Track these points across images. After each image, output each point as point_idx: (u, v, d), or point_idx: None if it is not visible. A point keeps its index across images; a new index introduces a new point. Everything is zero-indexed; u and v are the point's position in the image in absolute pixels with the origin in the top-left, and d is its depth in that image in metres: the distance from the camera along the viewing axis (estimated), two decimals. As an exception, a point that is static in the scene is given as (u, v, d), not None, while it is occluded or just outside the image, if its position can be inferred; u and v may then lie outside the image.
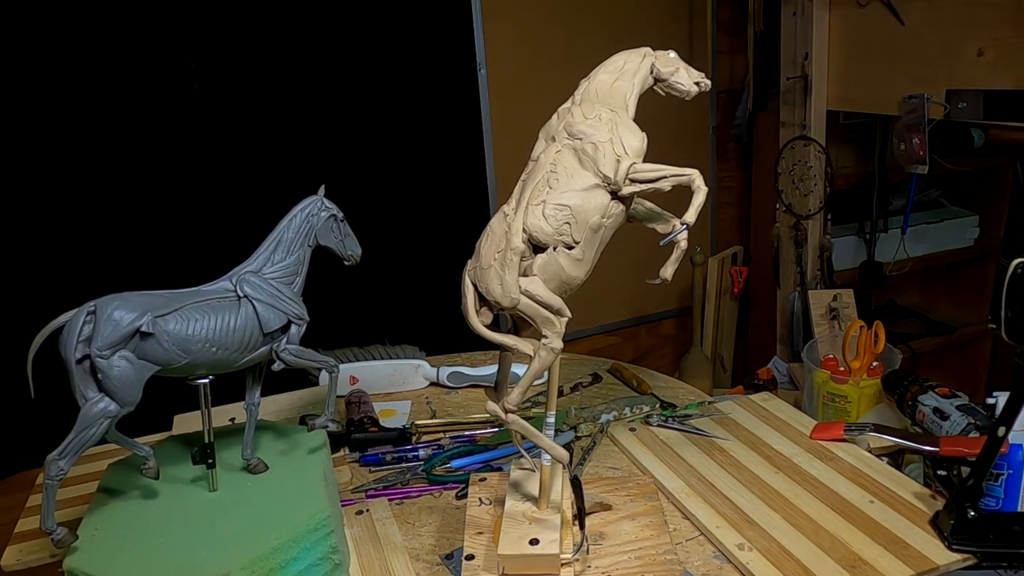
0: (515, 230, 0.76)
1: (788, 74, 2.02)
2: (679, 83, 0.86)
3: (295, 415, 1.21)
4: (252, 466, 0.85)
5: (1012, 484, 0.93)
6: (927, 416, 1.13)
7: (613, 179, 0.76)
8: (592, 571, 0.79)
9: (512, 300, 0.76)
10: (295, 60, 1.85)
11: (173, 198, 1.80)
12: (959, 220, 2.32)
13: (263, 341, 0.80)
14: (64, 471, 0.71)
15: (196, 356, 0.75)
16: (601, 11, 2.19)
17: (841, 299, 2.02)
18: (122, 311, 0.71)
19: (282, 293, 0.81)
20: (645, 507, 0.90)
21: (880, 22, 1.76)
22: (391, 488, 1.02)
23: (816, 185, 2.03)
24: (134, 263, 1.76)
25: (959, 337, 2.35)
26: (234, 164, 1.84)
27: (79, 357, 0.70)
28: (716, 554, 0.86)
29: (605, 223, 0.79)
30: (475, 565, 0.79)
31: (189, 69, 1.77)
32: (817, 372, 1.61)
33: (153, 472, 0.78)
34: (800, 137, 2.03)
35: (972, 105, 1.55)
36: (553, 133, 0.82)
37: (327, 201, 0.87)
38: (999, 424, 0.82)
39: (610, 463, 1.06)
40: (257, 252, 0.83)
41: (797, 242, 2.12)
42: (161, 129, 1.77)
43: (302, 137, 1.89)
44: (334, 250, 0.88)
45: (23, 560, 0.91)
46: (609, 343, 2.46)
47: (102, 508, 0.80)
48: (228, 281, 0.80)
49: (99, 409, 0.71)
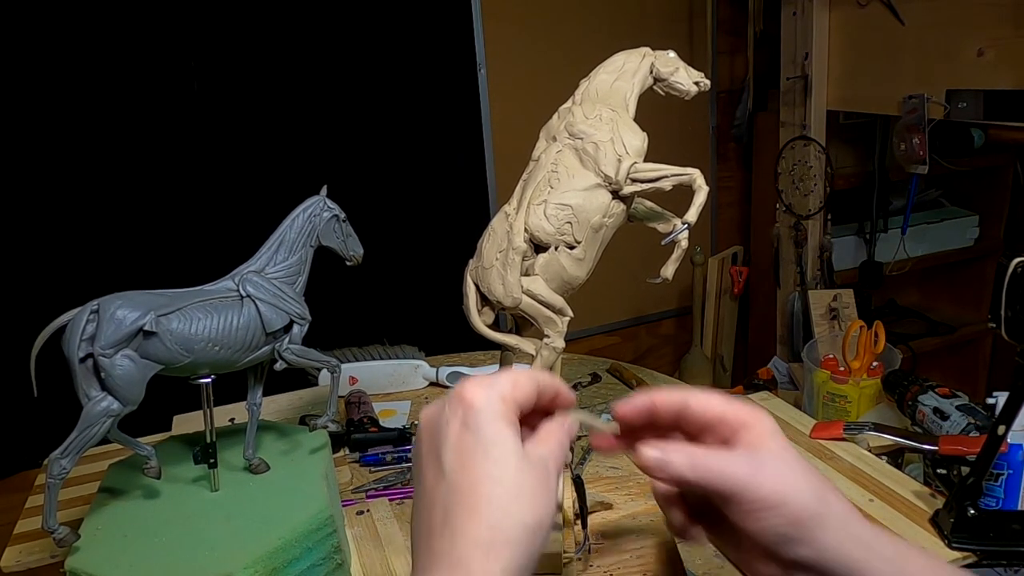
0: (517, 230, 0.76)
1: (788, 74, 2.03)
2: (679, 83, 0.86)
3: (295, 415, 1.21)
4: (254, 466, 0.85)
5: (1012, 484, 0.94)
6: (927, 416, 1.13)
7: (614, 179, 0.77)
8: (594, 570, 0.79)
9: (514, 300, 0.76)
10: (295, 60, 1.86)
11: (175, 198, 1.80)
12: (959, 220, 2.33)
13: (265, 341, 0.80)
14: (66, 470, 0.71)
15: (199, 355, 0.75)
16: (601, 11, 2.20)
17: (841, 299, 2.02)
18: (125, 310, 0.71)
19: (284, 293, 0.81)
20: (646, 506, 0.90)
21: (880, 22, 1.76)
22: (391, 488, 1.02)
23: (816, 185, 2.03)
24: (137, 262, 1.76)
25: (959, 337, 2.35)
26: (235, 164, 1.84)
27: (82, 356, 0.70)
28: (717, 553, 0.86)
29: (606, 223, 0.79)
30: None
31: (189, 69, 1.77)
32: (817, 372, 1.61)
33: (155, 472, 0.78)
34: (800, 137, 2.03)
35: (972, 105, 1.55)
36: (554, 133, 0.83)
37: (329, 201, 0.87)
38: (999, 423, 0.82)
39: (610, 463, 1.06)
40: (260, 252, 0.83)
41: (797, 242, 2.12)
42: (162, 129, 1.77)
43: (303, 137, 1.89)
44: (336, 250, 0.88)
45: (23, 561, 0.91)
46: (609, 343, 2.46)
47: (104, 508, 0.80)
48: (231, 281, 0.80)
49: (102, 408, 0.71)
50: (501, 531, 0.44)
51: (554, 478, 0.48)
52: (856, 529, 0.50)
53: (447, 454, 0.46)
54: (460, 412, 0.47)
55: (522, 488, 0.45)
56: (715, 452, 0.51)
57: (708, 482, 0.50)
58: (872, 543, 0.50)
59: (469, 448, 0.46)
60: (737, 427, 0.52)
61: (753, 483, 0.49)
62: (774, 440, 0.51)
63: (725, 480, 0.49)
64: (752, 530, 0.50)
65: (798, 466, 0.51)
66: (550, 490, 0.47)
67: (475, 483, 0.45)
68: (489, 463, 0.45)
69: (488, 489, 0.45)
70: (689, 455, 0.50)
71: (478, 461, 0.45)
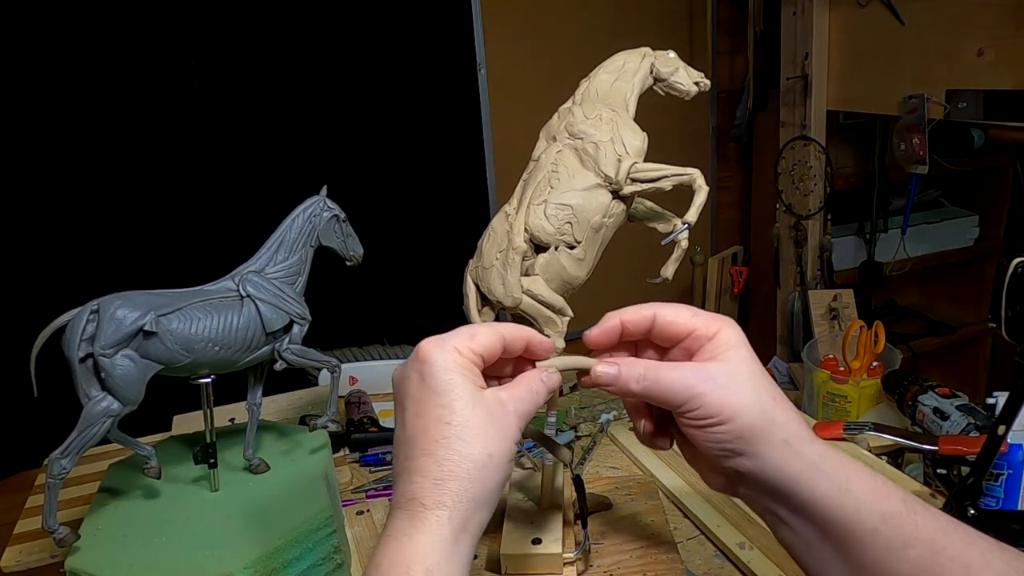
0: (517, 230, 0.76)
1: (788, 74, 2.03)
2: (679, 83, 0.86)
3: (295, 415, 1.21)
4: (254, 466, 0.85)
5: (1012, 484, 0.94)
6: (927, 416, 1.13)
7: (614, 179, 0.76)
8: (594, 570, 0.79)
9: (514, 300, 0.76)
10: (295, 60, 1.86)
11: (175, 198, 1.80)
12: (959, 220, 2.33)
13: (265, 340, 0.80)
14: (66, 470, 0.71)
15: (199, 355, 0.75)
16: (601, 11, 2.20)
17: (841, 299, 2.02)
18: (125, 310, 0.71)
19: (284, 293, 0.81)
20: (646, 506, 0.90)
21: (880, 22, 1.76)
22: (391, 488, 1.02)
23: (816, 185, 2.03)
24: (137, 262, 1.76)
25: (959, 337, 2.35)
26: (235, 164, 1.84)
27: (82, 356, 0.70)
28: (717, 553, 0.86)
29: (606, 222, 0.79)
30: (478, 564, 0.79)
31: (189, 69, 1.77)
32: (817, 372, 1.61)
33: (155, 472, 0.78)
34: (800, 137, 2.03)
35: (972, 105, 1.55)
36: (554, 133, 0.83)
37: (329, 201, 0.87)
38: (999, 423, 0.82)
39: (610, 463, 1.06)
40: (260, 252, 0.83)
41: (797, 242, 2.12)
42: (162, 129, 1.77)
43: (303, 137, 1.89)
44: (336, 250, 0.88)
45: (22, 561, 0.91)
46: (609, 343, 2.46)
47: (104, 508, 0.80)
48: (231, 281, 0.80)
49: (102, 408, 0.71)
50: (449, 466, 0.49)
51: (511, 417, 0.52)
52: (803, 447, 0.51)
53: (409, 407, 0.52)
54: (418, 367, 0.52)
55: (468, 427, 0.50)
56: (667, 366, 0.54)
57: (653, 395, 0.53)
58: (819, 463, 0.51)
59: (425, 398, 0.51)
60: (703, 340, 0.54)
61: (696, 398, 0.51)
62: (734, 352, 0.53)
63: (668, 394, 0.52)
64: (697, 441, 0.53)
65: (749, 382, 0.52)
66: (502, 427, 0.51)
67: (427, 427, 0.50)
68: (440, 409, 0.50)
69: (437, 431, 0.49)
70: (641, 369, 0.54)
71: (430, 408, 0.50)
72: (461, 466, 0.49)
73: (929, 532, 0.49)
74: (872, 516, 0.50)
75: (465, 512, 0.49)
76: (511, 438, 0.52)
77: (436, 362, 0.51)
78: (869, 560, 0.50)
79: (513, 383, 0.56)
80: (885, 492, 0.51)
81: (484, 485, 0.50)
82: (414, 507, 0.49)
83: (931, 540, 0.49)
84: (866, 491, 0.50)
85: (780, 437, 0.51)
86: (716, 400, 0.51)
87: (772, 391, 0.53)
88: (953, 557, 0.48)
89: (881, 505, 0.50)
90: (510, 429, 0.52)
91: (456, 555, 0.48)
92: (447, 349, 0.52)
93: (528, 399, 0.54)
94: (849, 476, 0.51)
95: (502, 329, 0.55)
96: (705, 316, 0.55)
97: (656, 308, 0.56)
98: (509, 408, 0.52)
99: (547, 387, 0.57)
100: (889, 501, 0.50)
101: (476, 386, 0.52)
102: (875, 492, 0.51)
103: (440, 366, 0.51)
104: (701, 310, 0.55)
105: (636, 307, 0.56)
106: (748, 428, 0.51)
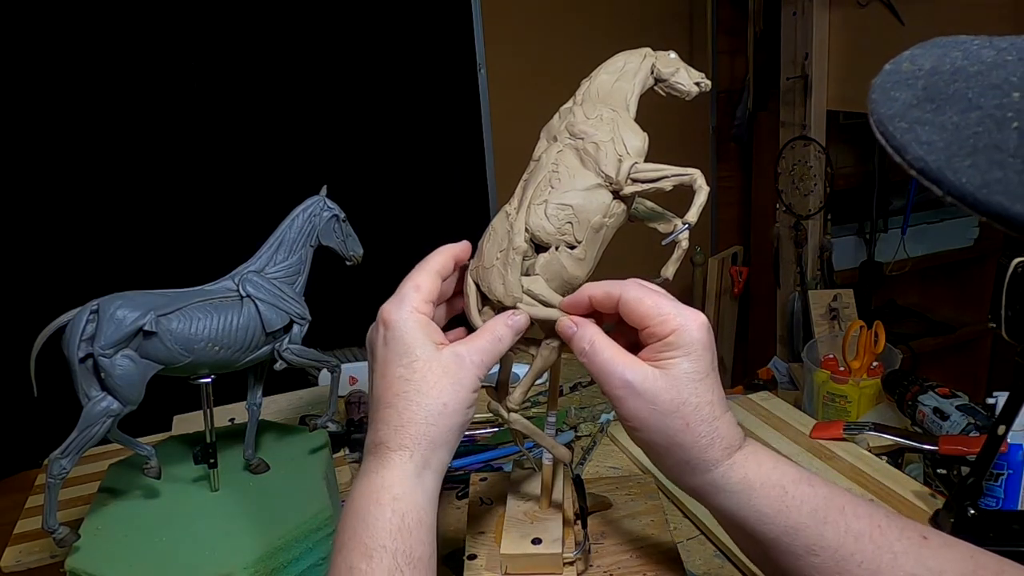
0: (517, 229, 0.76)
1: (788, 74, 2.03)
2: (679, 83, 0.86)
3: (295, 415, 1.21)
4: (254, 466, 0.85)
5: (1012, 484, 0.93)
6: (927, 416, 1.13)
7: (615, 179, 0.76)
8: (594, 570, 0.79)
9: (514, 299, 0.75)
10: (295, 60, 1.86)
11: (174, 198, 1.80)
12: (959, 220, 2.32)
13: (265, 340, 0.80)
14: (66, 470, 0.71)
15: (199, 355, 0.75)
16: (601, 11, 2.20)
17: (841, 299, 2.02)
18: (125, 310, 0.71)
19: (284, 293, 0.81)
20: (646, 506, 0.90)
21: (880, 22, 1.76)
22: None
23: (816, 185, 2.03)
24: (136, 262, 1.76)
25: (959, 337, 2.35)
26: (235, 164, 1.84)
27: (82, 356, 0.70)
28: (717, 553, 0.86)
29: (607, 223, 0.78)
30: (478, 565, 0.79)
31: (189, 69, 1.77)
32: (817, 372, 1.61)
33: (155, 472, 0.78)
34: (800, 137, 2.03)
35: (972, 105, 1.55)
36: (555, 133, 0.82)
37: (329, 201, 0.87)
38: (999, 423, 0.82)
39: (610, 462, 1.06)
40: (259, 252, 0.83)
41: (797, 242, 2.12)
42: (162, 129, 1.77)
43: (303, 137, 1.89)
44: (336, 250, 0.88)
45: (23, 561, 0.91)
46: (609, 343, 2.46)
47: (104, 508, 0.80)
48: (231, 280, 0.80)
49: (102, 408, 0.71)
50: (408, 415, 0.55)
51: (467, 368, 0.57)
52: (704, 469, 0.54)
53: (376, 368, 0.58)
54: (382, 331, 0.58)
55: (425, 381, 0.55)
56: (610, 349, 0.57)
57: (591, 370, 0.58)
58: (719, 482, 0.54)
59: (388, 359, 0.57)
60: (655, 337, 0.56)
61: (615, 398, 0.56)
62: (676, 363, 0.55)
63: (599, 376, 0.57)
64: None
65: (666, 401, 0.54)
66: (456, 379, 0.56)
67: (390, 384, 0.56)
68: (401, 368, 0.56)
69: (399, 387, 0.55)
70: (590, 338, 0.58)
71: (394, 368, 0.56)
72: (418, 414, 0.55)
73: (836, 541, 0.52)
74: (775, 528, 0.53)
75: (425, 452, 0.55)
76: (467, 387, 0.57)
77: (396, 325, 0.57)
78: (778, 563, 0.54)
79: (476, 333, 0.61)
80: (794, 506, 0.53)
81: (440, 429, 0.55)
82: (381, 450, 0.55)
83: (836, 548, 0.51)
84: (772, 508, 0.53)
85: (680, 457, 0.55)
86: (628, 408, 0.55)
87: (689, 415, 0.54)
88: (861, 563, 0.51)
89: (784, 520, 0.53)
90: (466, 379, 0.57)
91: (420, 486, 0.54)
92: (405, 311, 0.57)
93: (490, 348, 0.59)
94: (753, 493, 0.54)
95: (433, 266, 0.62)
96: (668, 312, 0.56)
97: (624, 290, 0.58)
98: (466, 360, 0.57)
99: (513, 329, 0.61)
100: (796, 515, 0.52)
101: (434, 343, 0.57)
102: (780, 511, 0.53)
103: (400, 329, 0.57)
104: (673, 302, 0.57)
105: (608, 283, 0.60)
106: (648, 444, 0.56)
